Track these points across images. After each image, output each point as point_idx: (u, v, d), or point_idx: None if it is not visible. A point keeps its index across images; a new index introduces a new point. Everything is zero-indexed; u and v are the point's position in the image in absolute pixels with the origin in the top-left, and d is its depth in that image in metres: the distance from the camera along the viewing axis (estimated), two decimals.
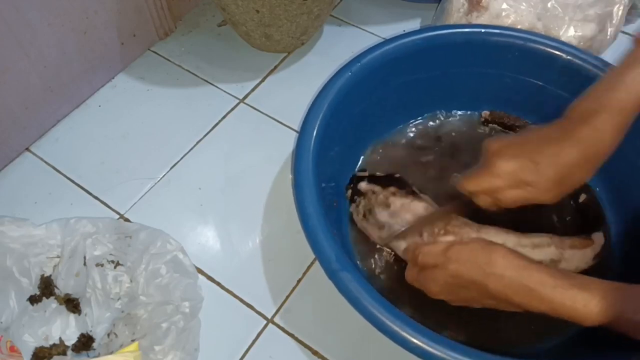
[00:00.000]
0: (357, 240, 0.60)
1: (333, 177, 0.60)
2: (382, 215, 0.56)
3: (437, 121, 0.69)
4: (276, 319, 0.58)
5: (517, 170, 0.46)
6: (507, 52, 0.62)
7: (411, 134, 0.67)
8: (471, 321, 0.54)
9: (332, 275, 0.47)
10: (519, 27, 0.68)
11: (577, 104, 0.46)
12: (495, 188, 0.47)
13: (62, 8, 0.65)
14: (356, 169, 0.65)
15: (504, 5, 0.69)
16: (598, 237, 0.56)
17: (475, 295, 0.46)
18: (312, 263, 0.61)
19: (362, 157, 0.66)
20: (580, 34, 0.69)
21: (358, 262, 0.58)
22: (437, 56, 0.63)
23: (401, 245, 0.55)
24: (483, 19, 0.69)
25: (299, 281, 0.60)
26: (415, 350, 0.43)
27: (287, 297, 0.59)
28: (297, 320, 0.58)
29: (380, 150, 0.66)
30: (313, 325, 0.57)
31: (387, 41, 0.61)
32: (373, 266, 0.58)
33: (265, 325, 0.58)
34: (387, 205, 0.57)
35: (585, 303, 0.41)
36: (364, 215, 0.58)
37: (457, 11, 0.71)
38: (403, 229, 0.55)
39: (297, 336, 0.57)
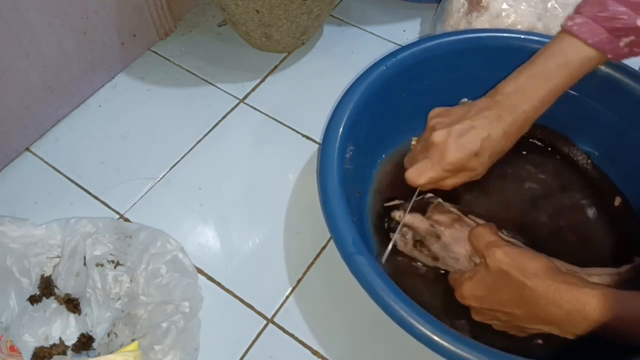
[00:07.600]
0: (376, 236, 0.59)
1: (358, 165, 0.60)
2: (435, 247, 0.54)
3: None
4: (276, 319, 0.58)
5: (462, 162, 0.51)
6: None
7: None
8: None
9: (347, 258, 0.47)
10: (519, 27, 0.68)
11: (503, 88, 0.52)
12: (443, 178, 0.53)
13: (62, 8, 0.65)
14: (372, 185, 0.62)
15: (504, 5, 0.68)
16: None
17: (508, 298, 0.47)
18: (312, 263, 0.61)
19: (385, 153, 0.65)
20: None
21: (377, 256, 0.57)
22: (473, 58, 0.63)
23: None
24: (483, 19, 0.69)
25: (299, 281, 0.60)
26: (422, 339, 0.43)
27: (287, 297, 0.59)
28: (297, 320, 0.58)
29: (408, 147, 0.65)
30: (313, 325, 0.57)
31: (425, 39, 0.61)
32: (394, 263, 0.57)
33: (265, 325, 0.58)
34: (437, 237, 0.54)
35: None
36: (414, 245, 0.55)
37: (457, 11, 0.71)
38: (457, 263, 0.53)
39: (297, 336, 0.57)
